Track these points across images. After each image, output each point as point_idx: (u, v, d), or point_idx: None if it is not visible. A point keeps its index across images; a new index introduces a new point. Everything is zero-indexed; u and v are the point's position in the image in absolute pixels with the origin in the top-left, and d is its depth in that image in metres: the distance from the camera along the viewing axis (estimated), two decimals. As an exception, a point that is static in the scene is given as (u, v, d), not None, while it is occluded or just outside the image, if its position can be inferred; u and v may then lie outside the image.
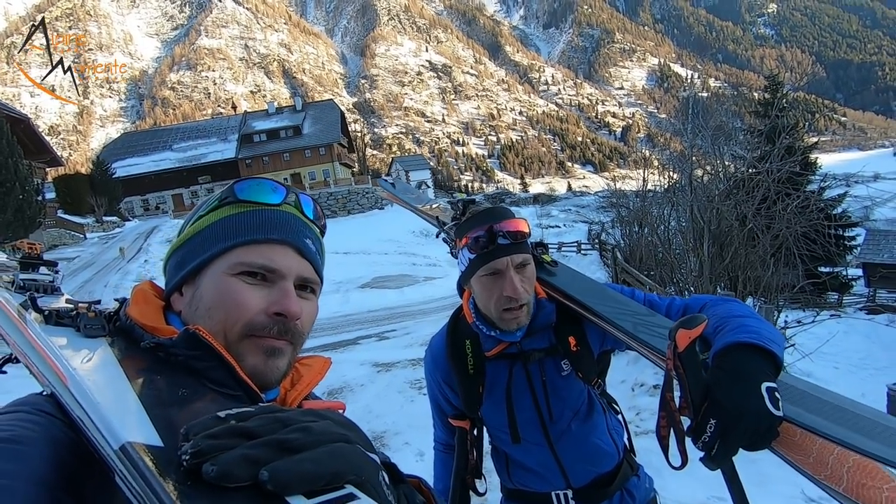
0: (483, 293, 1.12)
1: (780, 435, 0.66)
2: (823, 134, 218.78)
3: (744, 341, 0.74)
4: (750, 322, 0.80)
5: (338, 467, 0.37)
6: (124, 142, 50.63)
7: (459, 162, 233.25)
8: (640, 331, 0.95)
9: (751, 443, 0.66)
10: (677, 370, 0.72)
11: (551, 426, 1.21)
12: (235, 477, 0.34)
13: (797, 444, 0.64)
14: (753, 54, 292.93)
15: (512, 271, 1.07)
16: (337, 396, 5.53)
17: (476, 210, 1.16)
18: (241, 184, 0.65)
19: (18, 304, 0.59)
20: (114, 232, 28.78)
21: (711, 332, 0.84)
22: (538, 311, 1.16)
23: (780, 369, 0.73)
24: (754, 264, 5.40)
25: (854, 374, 6.97)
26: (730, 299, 0.99)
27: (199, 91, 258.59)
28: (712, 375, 0.71)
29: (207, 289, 0.60)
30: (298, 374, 0.66)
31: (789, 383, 0.73)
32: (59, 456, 0.43)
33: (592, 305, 1.07)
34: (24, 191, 20.51)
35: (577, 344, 1.16)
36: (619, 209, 12.72)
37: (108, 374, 0.48)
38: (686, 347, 0.71)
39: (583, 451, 1.22)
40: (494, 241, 1.07)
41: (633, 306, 1.06)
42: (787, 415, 0.65)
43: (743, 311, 0.88)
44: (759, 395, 0.66)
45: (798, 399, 0.69)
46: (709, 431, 0.67)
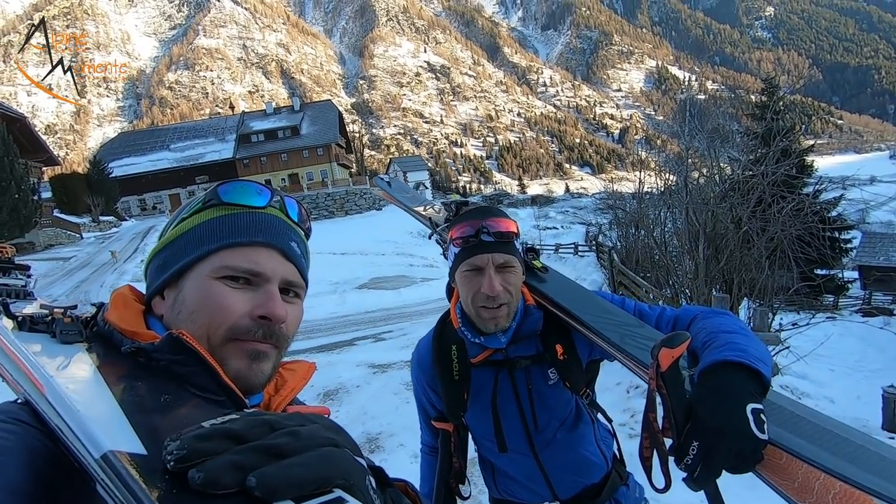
0: (464, 288, 1.12)
1: (765, 458, 0.64)
2: (820, 137, 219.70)
3: (730, 359, 0.71)
4: (738, 339, 0.78)
5: (327, 472, 0.36)
6: (121, 141, 50.46)
7: (457, 163, 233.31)
8: (626, 343, 0.93)
9: (734, 466, 0.64)
10: (660, 390, 0.70)
11: (536, 436, 1.19)
12: (222, 484, 0.33)
13: (782, 467, 0.62)
14: (751, 57, 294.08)
15: (492, 269, 1.07)
16: (332, 398, 5.52)
17: (470, 208, 1.18)
18: (225, 186, 0.64)
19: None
20: (110, 232, 28.71)
21: (699, 346, 0.82)
22: (525, 318, 1.14)
23: (767, 389, 0.71)
24: (749, 267, 5.41)
25: (849, 377, 6.98)
26: (721, 312, 0.97)
27: (196, 91, 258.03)
28: (696, 394, 0.69)
29: (190, 292, 0.59)
30: (283, 380, 0.65)
31: (777, 403, 0.71)
32: (37, 465, 0.42)
33: (579, 314, 1.05)
34: (20, 190, 20.47)
35: (564, 352, 1.14)
36: (617, 211, 12.75)
37: (87, 381, 0.47)
38: (669, 367, 0.69)
39: (569, 462, 1.20)
40: (478, 237, 1.07)
41: (622, 316, 1.04)
42: (773, 438, 0.63)
43: (732, 327, 0.85)
44: (743, 416, 0.63)
45: (784, 421, 0.67)
46: (691, 453, 0.65)
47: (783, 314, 6.63)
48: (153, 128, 71.65)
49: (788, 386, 5.83)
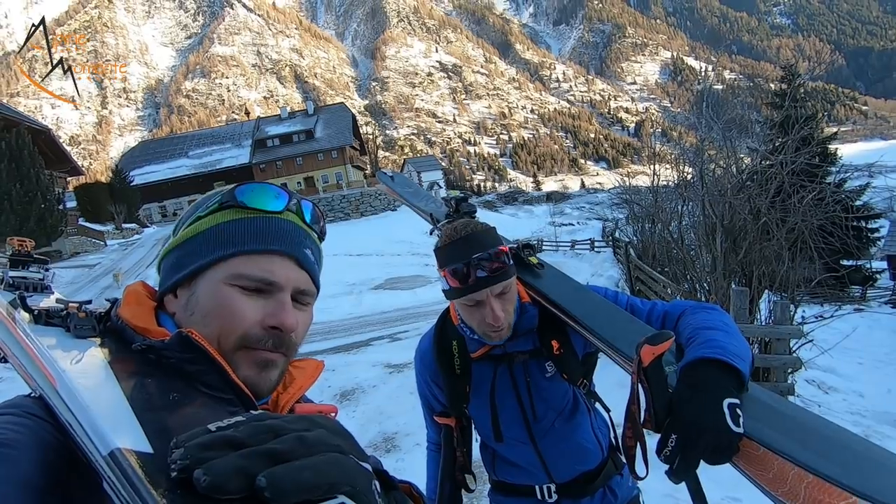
0: (466, 316, 1.15)
1: (741, 450, 0.67)
2: (843, 124, 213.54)
3: (708, 356, 0.75)
4: (718, 336, 0.81)
5: (334, 478, 0.37)
6: (142, 150, 51.63)
7: (471, 162, 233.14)
8: (616, 338, 0.96)
9: (711, 458, 0.67)
10: (641, 384, 0.73)
11: (535, 425, 1.23)
12: (228, 489, 0.33)
13: (759, 458, 0.65)
14: (769, 44, 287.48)
15: (492, 300, 1.09)
16: (349, 398, 5.56)
17: (453, 235, 1.11)
18: (242, 187, 0.63)
19: (7, 302, 0.58)
20: (133, 238, 29.36)
21: (685, 341, 0.85)
22: (521, 316, 1.17)
23: (744, 384, 0.74)
24: (769, 259, 5.28)
25: (879, 370, 6.78)
26: (709, 307, 0.99)
27: (213, 98, 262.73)
28: (676, 390, 0.73)
29: (204, 295, 0.59)
30: (291, 377, 0.65)
31: (758, 398, 0.74)
32: (48, 459, 0.42)
33: (570, 309, 1.07)
34: (45, 200, 21.09)
35: (560, 347, 1.18)
36: (633, 206, 12.57)
37: (98, 377, 0.47)
38: (650, 363, 0.72)
39: (566, 450, 1.24)
40: (473, 274, 1.07)
41: (613, 312, 1.06)
42: (748, 431, 0.67)
43: (714, 323, 0.87)
44: (719, 410, 0.67)
45: (761, 415, 0.70)
46: (670, 445, 0.68)
47: (807, 307, 6.47)
48: (172, 136, 73.13)
49: (815, 380, 5.67)
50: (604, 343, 0.97)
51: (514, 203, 50.47)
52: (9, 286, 0.69)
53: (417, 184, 2.00)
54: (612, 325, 1.00)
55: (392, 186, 1.94)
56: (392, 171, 2.17)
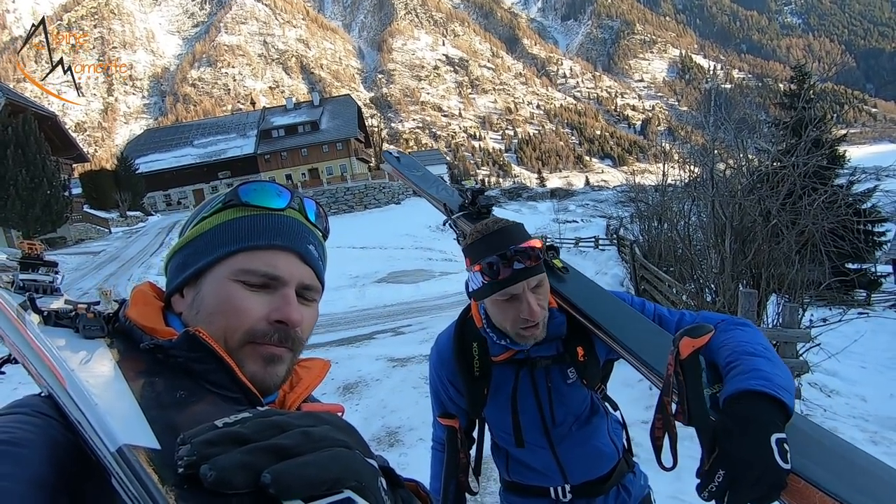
0: (499, 314, 1.12)
1: (788, 485, 0.66)
2: (853, 126, 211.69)
3: (755, 389, 0.72)
4: (762, 365, 0.78)
5: (339, 473, 0.37)
6: (147, 138, 51.67)
7: (476, 156, 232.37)
8: (644, 351, 0.94)
9: (759, 496, 0.66)
10: (677, 376, 0.73)
11: (553, 430, 1.22)
12: (234, 484, 0.34)
13: (800, 491, 0.65)
14: (779, 44, 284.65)
15: (529, 294, 1.07)
16: (352, 391, 5.57)
17: (486, 230, 1.11)
18: (245, 187, 0.64)
19: (17, 304, 0.59)
20: (137, 226, 29.47)
21: (723, 364, 0.82)
22: (549, 321, 1.15)
23: (789, 417, 0.72)
24: (778, 261, 5.24)
25: (882, 374, 6.75)
26: (742, 322, 0.95)
27: (219, 87, 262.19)
28: (722, 423, 0.70)
29: (209, 293, 0.60)
30: (298, 377, 0.65)
31: (799, 426, 0.73)
32: (58, 458, 0.43)
33: (599, 320, 1.05)
34: (51, 186, 21.14)
35: (585, 354, 1.16)
36: (638, 204, 12.52)
37: (107, 376, 0.48)
38: (688, 356, 0.71)
39: (583, 454, 1.24)
40: (510, 266, 1.05)
41: (642, 322, 1.03)
42: (795, 467, 0.65)
43: (755, 348, 0.84)
44: (768, 448, 0.65)
45: (805, 448, 0.69)
46: (716, 481, 0.67)
47: (814, 310, 6.44)
48: (177, 124, 73.15)
49: (818, 383, 5.65)
50: (631, 354, 0.96)
51: (518, 199, 50.40)
52: (19, 289, 0.70)
53: (426, 168, 1.87)
54: (641, 336, 0.98)
55: (399, 168, 1.82)
56: (398, 151, 2.02)
